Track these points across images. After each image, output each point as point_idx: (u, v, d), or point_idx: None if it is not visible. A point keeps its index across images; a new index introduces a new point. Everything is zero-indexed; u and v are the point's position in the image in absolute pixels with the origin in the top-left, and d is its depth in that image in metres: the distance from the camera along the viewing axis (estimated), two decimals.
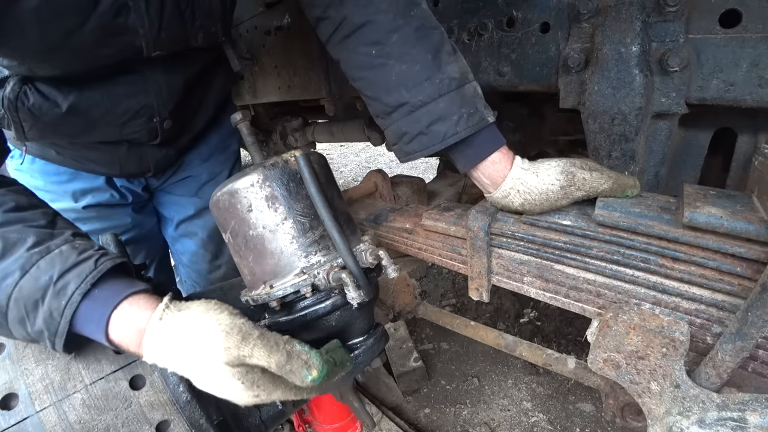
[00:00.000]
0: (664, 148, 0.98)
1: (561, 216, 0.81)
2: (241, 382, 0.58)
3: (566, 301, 0.82)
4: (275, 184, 0.72)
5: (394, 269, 0.77)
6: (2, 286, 0.58)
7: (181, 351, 0.59)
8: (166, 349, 0.60)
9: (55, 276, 0.59)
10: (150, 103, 1.00)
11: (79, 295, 0.59)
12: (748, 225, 0.60)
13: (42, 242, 0.61)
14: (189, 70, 1.04)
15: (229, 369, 0.57)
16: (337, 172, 6.06)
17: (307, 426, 1.74)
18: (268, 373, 0.60)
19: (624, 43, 0.90)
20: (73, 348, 0.66)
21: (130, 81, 0.95)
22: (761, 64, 0.80)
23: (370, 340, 0.79)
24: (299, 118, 2.66)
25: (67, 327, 0.60)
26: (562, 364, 1.07)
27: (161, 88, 1.00)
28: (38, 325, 0.59)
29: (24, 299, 0.59)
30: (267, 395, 0.59)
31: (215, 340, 0.57)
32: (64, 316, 0.59)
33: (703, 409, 0.61)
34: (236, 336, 0.57)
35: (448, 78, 0.80)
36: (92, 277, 0.60)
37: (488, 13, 1.13)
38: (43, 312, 0.59)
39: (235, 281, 0.94)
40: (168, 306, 0.62)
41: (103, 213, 1.24)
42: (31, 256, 0.60)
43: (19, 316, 0.59)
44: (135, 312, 0.61)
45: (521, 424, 1.86)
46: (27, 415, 0.62)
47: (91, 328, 0.61)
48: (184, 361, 0.59)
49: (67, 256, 0.61)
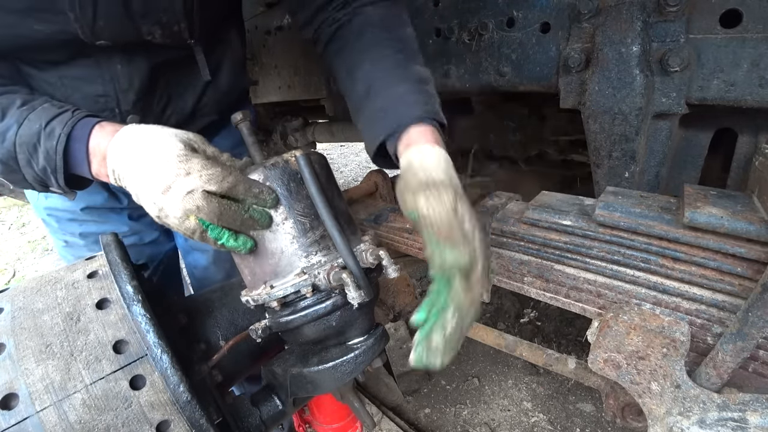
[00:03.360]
0: (664, 148, 0.98)
1: (561, 216, 0.81)
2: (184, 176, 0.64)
3: (567, 302, 0.82)
4: (276, 184, 0.72)
5: (395, 269, 0.77)
6: (7, 137, 0.74)
7: (136, 148, 0.68)
8: (123, 151, 0.70)
9: (43, 124, 0.74)
10: (107, 92, 0.97)
11: (64, 135, 0.73)
12: (749, 225, 0.60)
13: (27, 102, 0.78)
14: (151, 62, 0.98)
15: (177, 159, 0.66)
16: (338, 172, 6.05)
17: (307, 426, 1.73)
18: (213, 197, 0.66)
19: (624, 43, 0.90)
20: (75, 187, 0.82)
21: (84, 65, 0.93)
22: (762, 64, 0.80)
23: (371, 340, 0.79)
24: (299, 118, 2.66)
25: (62, 162, 0.74)
26: (562, 365, 1.07)
27: (119, 77, 0.96)
28: (41, 162, 0.75)
29: (26, 144, 0.74)
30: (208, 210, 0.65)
31: (173, 132, 0.70)
32: (57, 152, 0.73)
33: (703, 409, 0.61)
34: (195, 136, 0.72)
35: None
36: (72, 122, 0.74)
37: (489, 13, 1.13)
38: (42, 152, 0.74)
39: (235, 281, 0.94)
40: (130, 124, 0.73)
41: (100, 217, 1.23)
42: (21, 113, 0.75)
43: (25, 158, 0.75)
44: (101, 132, 0.74)
45: (521, 424, 1.86)
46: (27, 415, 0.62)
47: (79, 162, 0.75)
48: (137, 157, 0.68)
49: (49, 110, 0.76)
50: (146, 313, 0.68)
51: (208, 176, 0.65)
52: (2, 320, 0.69)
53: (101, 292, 0.72)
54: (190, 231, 0.67)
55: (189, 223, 0.66)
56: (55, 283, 0.74)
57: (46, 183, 0.79)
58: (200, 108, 1.16)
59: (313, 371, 0.76)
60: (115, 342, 0.68)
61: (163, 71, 1.03)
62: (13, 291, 0.75)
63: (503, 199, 0.95)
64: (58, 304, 0.71)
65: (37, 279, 0.77)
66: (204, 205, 0.64)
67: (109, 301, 0.72)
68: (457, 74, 1.24)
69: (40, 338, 0.67)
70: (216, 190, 0.66)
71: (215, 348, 0.84)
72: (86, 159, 0.75)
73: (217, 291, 0.95)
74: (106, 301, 0.72)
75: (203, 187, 0.65)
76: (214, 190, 0.65)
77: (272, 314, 0.76)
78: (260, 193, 0.69)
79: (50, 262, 4.32)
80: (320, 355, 0.79)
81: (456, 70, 1.23)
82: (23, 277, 4.08)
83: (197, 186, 0.64)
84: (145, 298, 0.70)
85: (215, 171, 0.66)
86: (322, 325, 0.75)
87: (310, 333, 0.76)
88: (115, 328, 0.69)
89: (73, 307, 0.70)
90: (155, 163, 0.66)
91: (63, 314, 0.69)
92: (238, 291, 0.81)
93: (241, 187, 0.68)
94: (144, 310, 0.68)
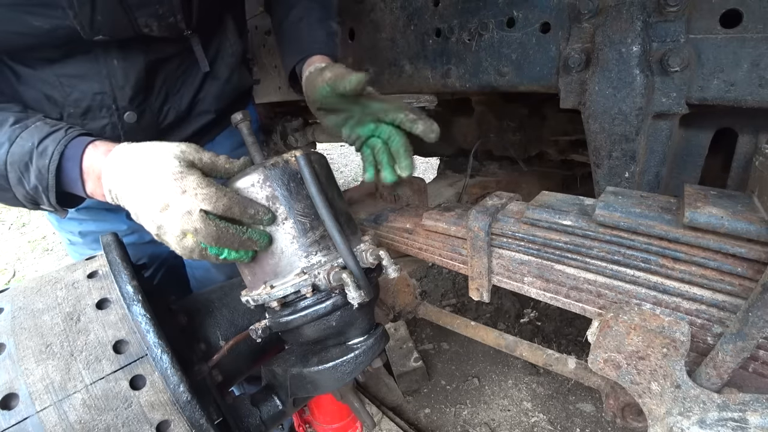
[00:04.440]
0: (664, 148, 0.98)
1: (561, 216, 0.81)
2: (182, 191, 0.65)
3: (567, 302, 0.82)
4: (276, 184, 0.72)
5: (395, 269, 0.77)
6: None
7: (131, 167, 0.68)
8: (118, 171, 0.70)
9: (36, 142, 0.74)
10: (104, 89, 0.95)
11: (57, 154, 0.73)
12: (749, 225, 0.60)
13: (20, 120, 0.77)
14: (148, 58, 0.98)
15: (173, 177, 0.65)
16: (338, 172, 6.05)
17: (307, 426, 1.73)
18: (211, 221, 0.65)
19: (625, 43, 0.90)
20: (68, 206, 0.80)
21: (80, 62, 0.92)
22: (762, 64, 0.80)
23: (371, 340, 0.79)
24: (299, 118, 2.66)
25: (54, 181, 0.73)
26: (562, 365, 1.07)
27: (115, 73, 0.95)
28: (32, 181, 0.74)
29: (17, 162, 0.73)
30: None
31: (167, 149, 0.69)
32: (50, 171, 0.73)
33: (703, 409, 0.61)
34: (188, 147, 0.71)
35: None
36: (65, 140, 0.74)
37: (489, 13, 1.13)
38: (34, 171, 0.74)
39: (235, 281, 0.94)
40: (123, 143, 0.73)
41: (98, 216, 1.22)
42: (14, 131, 0.75)
43: (16, 177, 0.74)
44: (95, 152, 0.74)
45: (521, 424, 1.86)
46: (27, 415, 0.62)
47: (73, 182, 0.75)
48: (133, 176, 0.68)
49: (42, 128, 0.76)
50: (146, 313, 0.68)
51: (203, 196, 0.65)
52: (2, 320, 0.69)
53: (101, 292, 0.72)
54: (188, 251, 0.67)
55: (187, 242, 0.66)
56: (55, 283, 0.74)
57: (37, 201, 0.78)
58: (197, 103, 1.15)
59: (313, 371, 0.76)
60: (115, 342, 0.68)
61: (161, 67, 1.03)
62: (13, 291, 0.75)
63: (503, 199, 0.95)
64: (58, 304, 0.71)
65: (37, 279, 0.77)
66: (202, 228, 0.64)
67: (109, 301, 0.72)
68: (457, 74, 1.24)
69: (40, 338, 0.67)
70: (212, 210, 0.65)
71: (215, 348, 0.84)
72: (80, 178, 0.75)
73: (217, 291, 0.95)
74: (106, 301, 0.72)
75: (200, 206, 0.64)
76: (209, 210, 0.65)
77: (272, 314, 0.76)
78: (256, 214, 0.69)
79: (50, 262, 4.32)
80: (320, 355, 0.79)
81: (456, 70, 1.23)
82: (23, 277, 4.08)
83: (194, 205, 0.64)
84: (145, 298, 0.70)
85: (210, 191, 0.66)
86: (322, 325, 0.75)
87: (310, 333, 0.76)
88: (115, 328, 0.69)
89: (73, 307, 0.70)
90: (151, 182, 0.66)
91: (63, 314, 0.69)
92: (238, 291, 0.81)
93: (237, 209, 0.67)
94: (144, 310, 0.68)
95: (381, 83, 1.44)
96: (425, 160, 5.32)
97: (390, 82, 1.42)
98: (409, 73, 1.35)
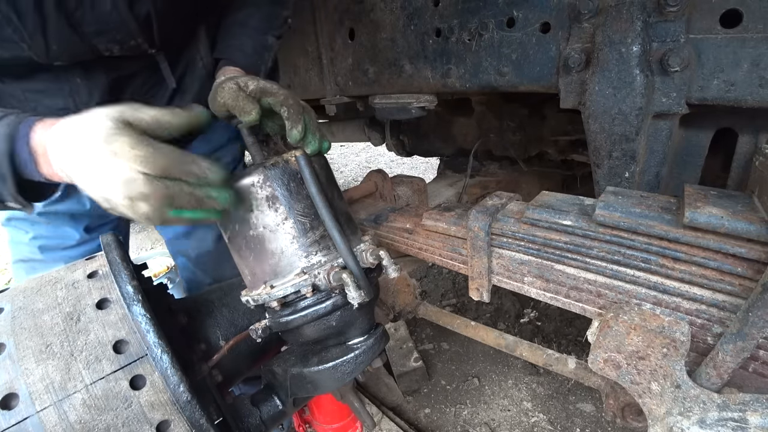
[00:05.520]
0: (664, 148, 0.98)
1: (561, 216, 0.81)
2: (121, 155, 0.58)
3: (567, 302, 0.82)
4: (276, 184, 0.72)
5: (395, 269, 0.77)
6: None
7: (69, 136, 0.63)
8: (60, 143, 0.64)
9: None
10: (68, 105, 0.95)
11: (7, 136, 0.66)
12: (749, 225, 0.60)
13: None
14: (111, 75, 0.97)
15: (103, 139, 0.59)
16: (338, 172, 6.05)
17: (307, 426, 1.74)
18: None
19: (625, 43, 0.90)
20: (32, 199, 0.73)
21: (44, 79, 0.92)
22: (762, 64, 0.80)
23: (371, 340, 0.79)
24: None
25: (8, 164, 0.66)
26: (562, 365, 1.07)
27: (78, 90, 0.95)
28: None
29: None
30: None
31: (101, 111, 0.63)
32: (1, 154, 0.66)
33: (703, 409, 0.61)
34: (127, 107, 0.65)
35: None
36: (16, 121, 0.68)
37: (489, 13, 1.13)
38: None
39: (235, 281, 0.94)
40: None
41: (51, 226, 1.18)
42: None
43: None
44: (43, 127, 0.68)
45: (521, 424, 1.86)
46: (27, 415, 0.62)
47: (26, 163, 0.68)
48: (70, 146, 0.62)
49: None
50: (146, 313, 0.68)
51: (138, 157, 0.58)
52: (2, 320, 0.69)
53: (101, 292, 0.72)
54: (145, 217, 0.60)
55: (139, 208, 0.59)
56: (55, 283, 0.74)
57: (1, 198, 0.71)
58: None
59: (313, 371, 0.76)
60: (116, 342, 0.68)
61: (126, 83, 1.02)
62: (13, 291, 0.75)
63: (503, 199, 0.95)
64: (58, 304, 0.71)
65: (37, 279, 0.77)
66: (149, 191, 0.58)
67: (109, 301, 0.72)
68: (457, 74, 1.24)
69: (40, 338, 0.67)
70: (149, 171, 0.58)
71: (215, 348, 0.84)
72: (31, 158, 0.67)
73: (217, 291, 0.95)
74: (106, 301, 0.72)
75: (137, 168, 0.58)
76: (146, 172, 0.58)
77: (272, 314, 0.76)
78: (201, 173, 0.63)
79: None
80: (320, 355, 0.79)
81: (456, 70, 1.23)
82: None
83: (129, 169, 0.58)
84: (145, 298, 0.70)
85: (146, 151, 0.59)
86: (322, 325, 0.75)
87: (310, 333, 0.76)
88: (116, 328, 0.69)
89: (73, 307, 0.70)
90: (83, 149, 0.61)
91: (63, 314, 0.69)
92: (238, 291, 0.81)
93: (176, 169, 0.60)
94: (144, 310, 0.68)
95: (381, 83, 1.44)
96: (425, 160, 5.32)
97: (390, 82, 1.42)
98: (409, 73, 1.35)
